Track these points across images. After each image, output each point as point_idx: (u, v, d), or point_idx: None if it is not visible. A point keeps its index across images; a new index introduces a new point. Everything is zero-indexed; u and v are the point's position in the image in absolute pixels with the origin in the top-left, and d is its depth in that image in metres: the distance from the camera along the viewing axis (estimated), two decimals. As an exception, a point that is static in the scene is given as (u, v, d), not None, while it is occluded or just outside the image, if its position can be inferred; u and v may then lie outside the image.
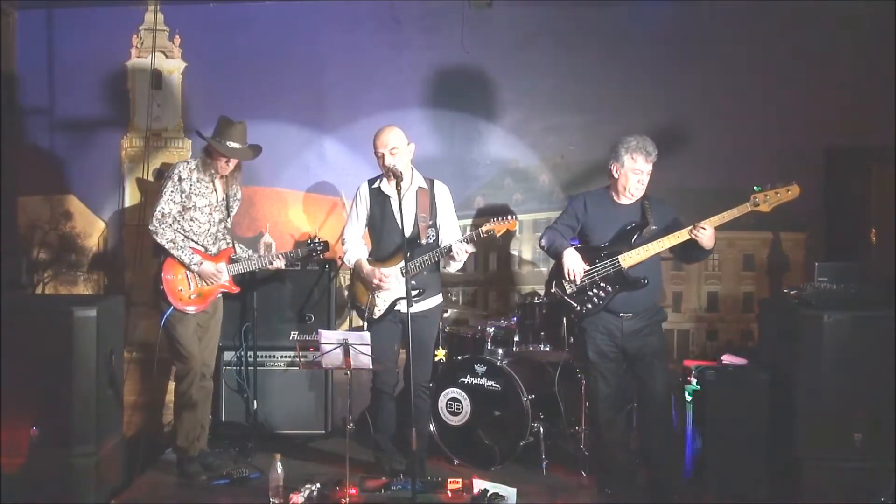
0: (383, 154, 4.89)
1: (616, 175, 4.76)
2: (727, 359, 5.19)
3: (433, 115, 6.16)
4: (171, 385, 5.56)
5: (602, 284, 4.74)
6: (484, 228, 4.74)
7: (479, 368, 5.34)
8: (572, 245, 4.84)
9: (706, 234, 4.58)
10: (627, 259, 4.69)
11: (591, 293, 4.77)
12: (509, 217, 4.76)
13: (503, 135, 6.17)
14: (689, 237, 4.61)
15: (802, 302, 4.88)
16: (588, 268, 4.76)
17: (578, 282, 4.76)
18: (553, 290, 4.91)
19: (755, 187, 4.58)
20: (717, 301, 6.15)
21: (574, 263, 4.76)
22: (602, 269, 4.73)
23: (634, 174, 4.70)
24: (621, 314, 4.73)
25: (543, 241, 4.94)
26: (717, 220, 4.59)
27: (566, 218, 4.91)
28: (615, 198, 4.82)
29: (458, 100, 6.15)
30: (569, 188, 6.10)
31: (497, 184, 6.20)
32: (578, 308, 4.79)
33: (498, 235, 4.78)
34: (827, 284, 4.87)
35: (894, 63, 5.72)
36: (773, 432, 4.83)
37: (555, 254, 4.87)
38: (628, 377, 4.89)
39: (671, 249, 4.75)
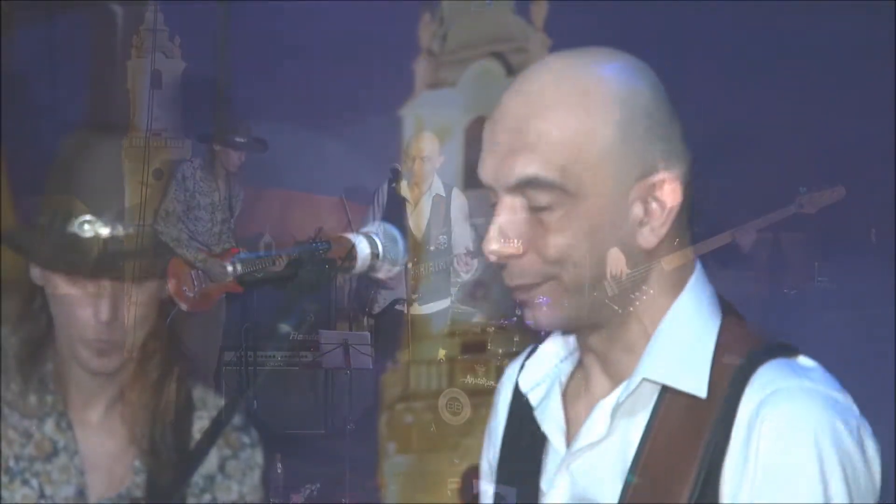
0: (415, 158, 4.89)
1: None
2: (727, 359, 5.17)
3: (434, 115, 6.16)
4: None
5: (644, 287, 4.67)
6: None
7: (479, 368, 5.33)
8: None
9: (749, 237, 4.48)
10: (669, 261, 4.62)
11: (632, 297, 4.71)
12: None
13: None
14: (729, 241, 4.48)
15: (802, 302, 4.88)
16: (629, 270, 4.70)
17: (622, 279, 4.70)
18: (594, 294, 4.84)
19: (801, 189, 4.47)
20: (717, 301, 6.14)
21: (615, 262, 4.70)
22: (644, 271, 4.67)
23: None
24: None
25: None
26: (761, 223, 4.50)
27: None
28: None
29: (459, 99, 6.16)
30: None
31: (499, 184, 6.20)
32: (621, 312, 4.73)
33: None
34: (827, 284, 4.87)
35: (894, 63, 5.72)
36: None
37: None
38: None
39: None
